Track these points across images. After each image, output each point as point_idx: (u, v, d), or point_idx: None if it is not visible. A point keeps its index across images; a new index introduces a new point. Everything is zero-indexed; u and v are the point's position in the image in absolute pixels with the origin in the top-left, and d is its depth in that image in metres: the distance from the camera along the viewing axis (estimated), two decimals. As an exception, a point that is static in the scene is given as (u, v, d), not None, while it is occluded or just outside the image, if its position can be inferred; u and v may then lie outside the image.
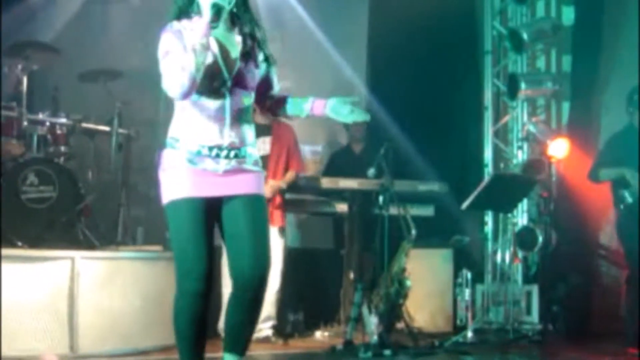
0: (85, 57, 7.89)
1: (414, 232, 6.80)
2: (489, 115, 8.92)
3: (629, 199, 6.69)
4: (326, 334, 7.42)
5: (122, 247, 6.78)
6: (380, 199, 6.65)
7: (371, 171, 6.77)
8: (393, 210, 6.82)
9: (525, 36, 8.55)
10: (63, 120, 6.94)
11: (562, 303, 8.29)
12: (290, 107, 4.21)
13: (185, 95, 3.81)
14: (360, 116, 4.14)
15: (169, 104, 4.15)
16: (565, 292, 8.39)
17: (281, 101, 4.24)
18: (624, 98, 7.46)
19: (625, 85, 8.47)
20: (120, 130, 7.30)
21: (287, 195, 7.30)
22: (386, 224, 6.57)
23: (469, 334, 7.35)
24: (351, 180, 7.30)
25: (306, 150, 8.65)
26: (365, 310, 6.68)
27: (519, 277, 8.51)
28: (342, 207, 7.55)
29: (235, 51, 4.00)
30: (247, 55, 4.02)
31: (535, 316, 8.20)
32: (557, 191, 8.61)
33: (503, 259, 8.53)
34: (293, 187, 7.24)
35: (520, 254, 8.41)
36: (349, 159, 8.03)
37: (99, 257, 6.24)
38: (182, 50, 3.78)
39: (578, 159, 8.35)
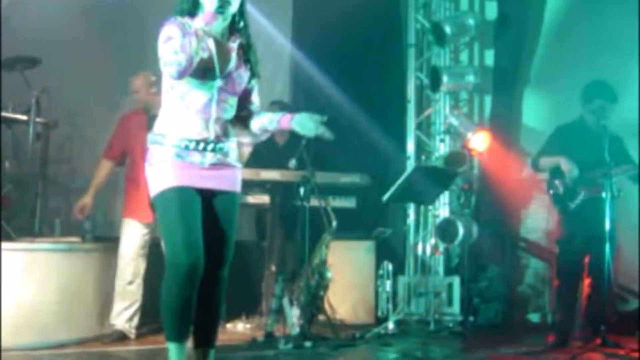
0: (3, 44, 7.71)
1: (334, 223, 6.80)
2: (411, 108, 8.97)
3: (560, 189, 6.71)
4: (248, 326, 7.39)
5: (39, 239, 6.65)
6: (302, 190, 6.62)
7: (292, 162, 6.75)
8: (314, 202, 6.81)
9: (448, 30, 8.62)
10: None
11: (483, 294, 8.37)
12: (260, 122, 4.46)
13: (181, 74, 4.04)
14: (324, 132, 4.45)
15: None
16: (486, 284, 8.48)
17: (252, 114, 4.49)
18: (545, 92, 7.56)
19: (546, 79, 8.63)
20: (38, 120, 7.14)
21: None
22: (307, 216, 6.54)
23: (390, 325, 7.38)
24: (273, 172, 7.27)
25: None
26: (286, 302, 6.67)
27: (441, 269, 8.59)
28: (263, 199, 7.52)
29: (230, 56, 4.28)
30: (239, 61, 4.32)
31: (456, 307, 8.29)
32: (478, 184, 8.72)
33: (424, 251, 8.59)
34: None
35: (441, 246, 8.48)
36: (272, 150, 7.98)
37: (16, 249, 6.10)
38: (181, 37, 4.04)
39: (499, 151, 8.45)
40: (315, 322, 6.90)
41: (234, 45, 4.31)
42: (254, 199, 7.44)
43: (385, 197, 7.04)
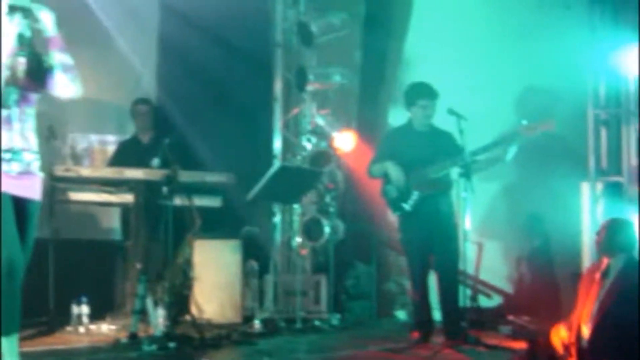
0: None
1: (198, 222, 6.77)
2: (278, 107, 8.99)
3: (393, 194, 6.78)
4: (112, 327, 7.25)
5: None
6: (165, 189, 6.56)
7: (155, 161, 6.70)
8: (179, 201, 6.76)
9: (315, 29, 8.67)
10: None
11: (349, 292, 8.47)
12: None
13: None
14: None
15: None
16: (353, 282, 8.58)
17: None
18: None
19: (411, 80, 8.76)
20: None
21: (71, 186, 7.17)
22: (170, 215, 6.49)
23: (256, 324, 7.39)
24: (136, 171, 7.16)
25: (93, 139, 8.49)
26: (149, 302, 6.59)
27: (308, 267, 8.62)
28: (127, 198, 7.41)
29: (21, 70, 4.49)
30: (29, 72, 4.52)
31: (323, 305, 8.33)
32: (344, 183, 8.80)
33: (291, 249, 8.62)
34: (76, 179, 7.12)
35: (307, 245, 8.52)
36: (136, 148, 7.88)
37: None
38: None
39: (365, 151, 8.53)
40: (181, 322, 6.86)
41: (22, 59, 4.51)
42: (118, 198, 7.33)
43: (250, 195, 7.04)
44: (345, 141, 8.46)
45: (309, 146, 8.83)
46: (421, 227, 6.66)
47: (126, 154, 7.88)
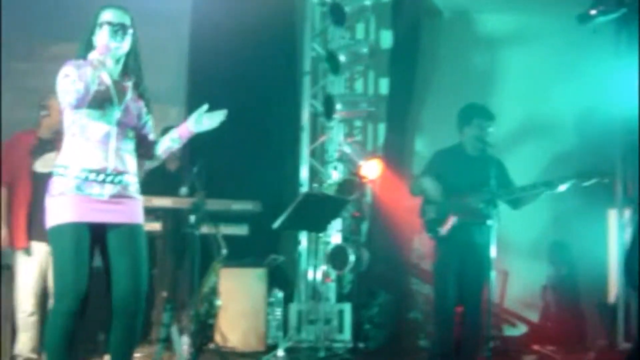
0: None
1: (224, 251, 6.79)
2: (305, 136, 9.01)
3: (430, 215, 6.69)
4: (137, 354, 7.27)
5: None
6: (192, 217, 6.59)
7: (183, 190, 6.75)
8: (206, 229, 6.79)
9: (343, 58, 8.71)
10: None
11: (373, 321, 8.44)
12: (161, 145, 4.75)
13: (79, 102, 4.26)
14: (219, 116, 4.88)
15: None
16: (377, 310, 8.55)
17: (152, 143, 4.75)
18: (440, 120, 7.65)
19: (441, 107, 8.78)
20: None
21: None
22: (197, 243, 6.52)
23: (280, 352, 7.39)
24: (164, 199, 7.21)
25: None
26: (174, 330, 6.61)
27: (332, 296, 8.62)
28: (154, 226, 7.45)
29: (125, 91, 4.53)
30: (134, 96, 4.57)
31: (347, 334, 8.34)
32: (370, 211, 8.81)
33: (316, 278, 8.62)
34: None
35: (332, 273, 8.52)
36: (163, 176, 7.94)
37: None
38: (77, 69, 4.27)
39: (392, 179, 8.56)
40: (205, 350, 6.88)
41: (128, 84, 4.55)
42: (145, 226, 7.35)
43: (276, 224, 7.04)
44: (371, 169, 8.46)
45: (335, 174, 8.84)
46: (455, 254, 6.57)
47: (153, 183, 7.91)
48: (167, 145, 4.75)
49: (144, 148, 4.71)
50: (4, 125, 7.88)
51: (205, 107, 4.77)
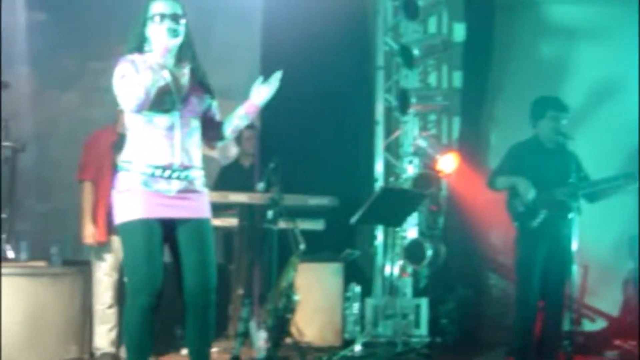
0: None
1: (302, 246, 6.80)
2: (380, 130, 8.97)
3: (519, 208, 6.64)
4: (215, 349, 7.33)
5: (6, 263, 6.60)
6: (270, 213, 6.61)
7: (261, 185, 6.75)
8: (282, 225, 6.81)
9: (416, 52, 8.65)
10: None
11: (450, 315, 8.39)
12: (229, 124, 4.66)
13: (140, 107, 4.21)
14: (275, 79, 4.72)
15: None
16: (454, 305, 8.50)
17: (220, 124, 4.67)
18: (514, 113, 7.56)
19: (515, 100, 8.69)
20: (6, 144, 7.09)
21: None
22: (275, 239, 6.53)
23: (357, 347, 7.37)
24: (241, 194, 7.23)
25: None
26: (252, 325, 6.65)
27: (409, 291, 8.58)
28: (231, 222, 7.49)
29: (184, 80, 4.45)
30: (193, 84, 4.49)
31: (424, 329, 8.30)
32: (446, 205, 8.74)
33: (392, 273, 8.59)
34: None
35: (409, 268, 8.48)
36: (238, 172, 7.98)
37: (-18, 274, 6.09)
38: (136, 73, 4.22)
39: (467, 173, 8.49)
40: (282, 345, 6.89)
41: (186, 70, 4.48)
42: (222, 221, 7.40)
43: (354, 219, 7.03)
44: (448, 163, 8.39)
45: (410, 168, 8.79)
46: (540, 248, 6.52)
47: (227, 178, 7.97)
48: (236, 123, 4.65)
49: (212, 130, 4.64)
50: (80, 124, 8.03)
51: (261, 78, 4.68)
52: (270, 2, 8.97)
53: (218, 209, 7.34)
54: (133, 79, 4.20)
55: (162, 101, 4.32)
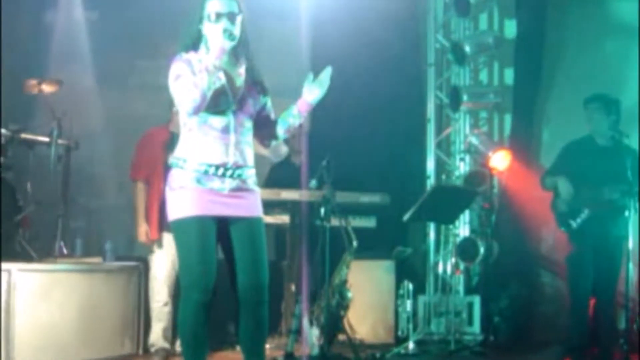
0: (25, 66, 7.81)
1: (355, 243, 6.79)
2: (431, 127, 8.97)
3: (562, 208, 6.64)
4: (267, 346, 7.33)
5: (60, 259, 6.69)
6: (322, 210, 6.60)
7: (313, 182, 6.76)
8: (334, 222, 6.80)
9: (467, 49, 8.63)
10: (1, 130, 6.82)
11: (503, 314, 8.34)
12: (283, 122, 4.58)
13: (196, 110, 4.20)
14: (326, 75, 4.59)
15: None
16: (506, 303, 8.44)
17: (274, 123, 4.61)
18: (565, 110, 7.49)
19: (567, 97, 8.60)
20: (60, 141, 7.20)
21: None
22: (327, 236, 6.53)
23: (411, 345, 7.37)
24: (293, 192, 7.25)
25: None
26: (306, 322, 6.66)
27: (461, 288, 8.57)
28: (283, 219, 7.52)
29: (239, 80, 4.43)
30: (249, 84, 4.46)
31: (476, 327, 8.27)
32: (498, 202, 8.69)
33: (445, 270, 8.56)
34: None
35: (461, 265, 8.46)
36: (288, 170, 8.00)
37: (36, 270, 6.17)
38: (191, 74, 4.20)
39: (519, 170, 8.43)
40: (335, 342, 6.89)
41: (241, 70, 4.47)
42: (274, 219, 7.43)
43: (406, 216, 7.02)
44: (500, 160, 8.34)
45: (462, 166, 8.75)
46: (588, 247, 6.49)
47: (278, 176, 7.99)
48: (289, 122, 4.58)
49: (266, 129, 4.61)
50: (132, 122, 8.11)
51: (311, 75, 4.58)
52: (320, 0, 8.98)
53: (269, 206, 7.39)
54: (189, 80, 4.19)
55: (217, 103, 4.30)
